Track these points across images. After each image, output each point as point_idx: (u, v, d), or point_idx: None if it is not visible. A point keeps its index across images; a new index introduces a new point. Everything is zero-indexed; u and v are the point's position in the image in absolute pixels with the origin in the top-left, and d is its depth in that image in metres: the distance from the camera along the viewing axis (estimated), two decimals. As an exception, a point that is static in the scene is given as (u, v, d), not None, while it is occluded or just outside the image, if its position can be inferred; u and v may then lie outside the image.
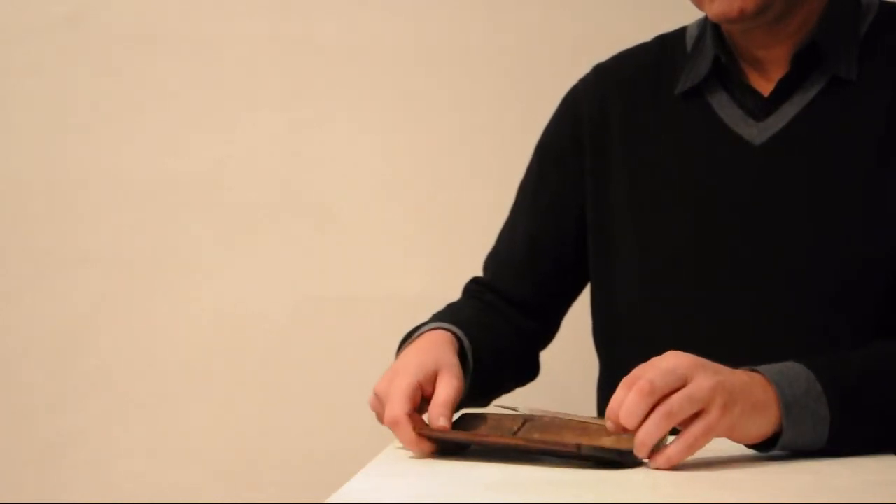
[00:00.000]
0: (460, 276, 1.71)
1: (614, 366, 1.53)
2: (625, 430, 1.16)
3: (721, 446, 1.26)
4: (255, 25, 2.29)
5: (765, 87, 1.46)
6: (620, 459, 1.17)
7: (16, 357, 2.30)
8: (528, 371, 1.62)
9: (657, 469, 1.15)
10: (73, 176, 2.30)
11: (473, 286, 1.63)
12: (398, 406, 1.27)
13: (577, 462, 1.17)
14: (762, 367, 1.22)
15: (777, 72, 1.46)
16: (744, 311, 1.42)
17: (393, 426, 1.27)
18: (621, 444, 1.20)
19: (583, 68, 1.65)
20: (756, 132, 1.45)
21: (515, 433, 1.26)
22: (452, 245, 2.25)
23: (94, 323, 2.29)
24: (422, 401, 1.31)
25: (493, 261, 1.64)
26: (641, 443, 1.14)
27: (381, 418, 1.33)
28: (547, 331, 1.62)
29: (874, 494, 1.06)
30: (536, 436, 1.25)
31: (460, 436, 1.26)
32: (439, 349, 1.36)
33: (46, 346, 2.30)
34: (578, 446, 1.15)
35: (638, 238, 1.50)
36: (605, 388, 1.56)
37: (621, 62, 1.61)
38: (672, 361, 1.17)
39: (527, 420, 1.27)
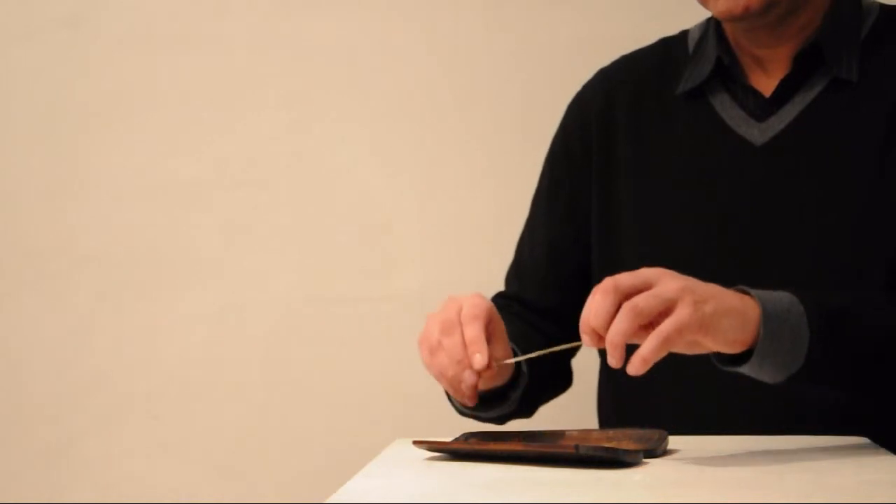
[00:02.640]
0: (460, 275, 1.71)
1: (616, 372, 1.53)
2: (599, 337, 1.15)
3: (721, 446, 1.26)
4: (255, 25, 2.29)
5: (766, 87, 1.47)
6: (619, 459, 1.17)
7: (16, 357, 2.30)
8: (563, 380, 1.61)
9: (635, 374, 1.13)
10: (73, 176, 2.30)
11: (499, 301, 1.61)
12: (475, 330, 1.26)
13: (576, 463, 1.17)
14: (744, 287, 1.22)
15: (779, 72, 1.46)
16: None
17: (472, 344, 1.25)
18: (620, 445, 1.20)
19: (582, 69, 1.65)
20: (757, 132, 1.45)
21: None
22: (453, 245, 2.24)
23: (94, 323, 2.29)
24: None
25: (515, 273, 1.63)
26: (611, 342, 1.13)
27: (431, 354, 1.30)
28: (577, 337, 1.61)
29: (874, 494, 1.06)
30: (536, 445, 1.26)
31: (459, 446, 1.26)
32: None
33: (46, 346, 2.30)
34: (576, 447, 1.15)
35: (640, 239, 1.50)
36: (607, 391, 1.56)
37: (624, 65, 1.61)
38: (643, 270, 1.17)
39: (528, 433, 1.28)
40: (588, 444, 1.19)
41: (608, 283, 1.16)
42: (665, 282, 1.15)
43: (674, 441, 1.26)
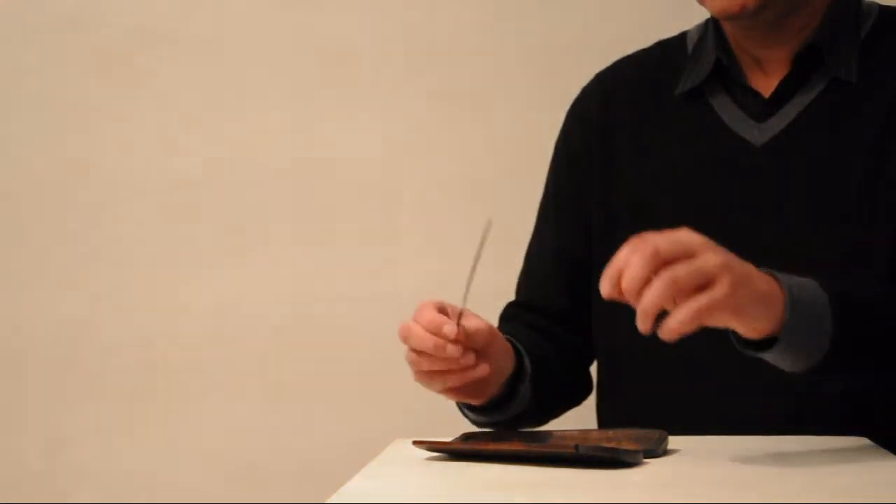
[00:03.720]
0: (460, 275, 1.70)
1: (615, 369, 1.53)
2: (621, 293, 1.11)
3: (721, 446, 1.26)
4: (256, 25, 2.29)
5: (766, 88, 1.47)
6: (619, 459, 1.17)
7: (16, 357, 2.30)
8: (579, 386, 1.60)
9: (668, 341, 1.10)
10: (73, 176, 2.30)
11: (511, 310, 1.61)
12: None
13: (575, 463, 1.17)
14: (771, 270, 1.20)
15: (778, 73, 1.46)
16: None
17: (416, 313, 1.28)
18: (620, 445, 1.20)
19: (583, 70, 1.65)
20: (757, 133, 1.45)
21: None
22: (453, 245, 2.24)
23: (94, 323, 2.29)
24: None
25: (525, 281, 1.63)
26: (643, 311, 1.10)
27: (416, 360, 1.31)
28: (590, 340, 1.59)
29: (874, 494, 1.06)
30: (536, 445, 1.26)
31: (459, 446, 1.26)
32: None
33: (46, 345, 2.30)
34: (576, 447, 1.15)
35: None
36: (606, 392, 1.56)
37: (622, 67, 1.61)
38: (682, 233, 1.13)
39: (528, 434, 1.28)
40: (588, 444, 1.18)
41: (648, 245, 1.10)
42: (705, 255, 1.12)
43: (674, 441, 1.26)
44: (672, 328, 1.10)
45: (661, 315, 1.11)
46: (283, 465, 2.28)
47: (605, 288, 1.13)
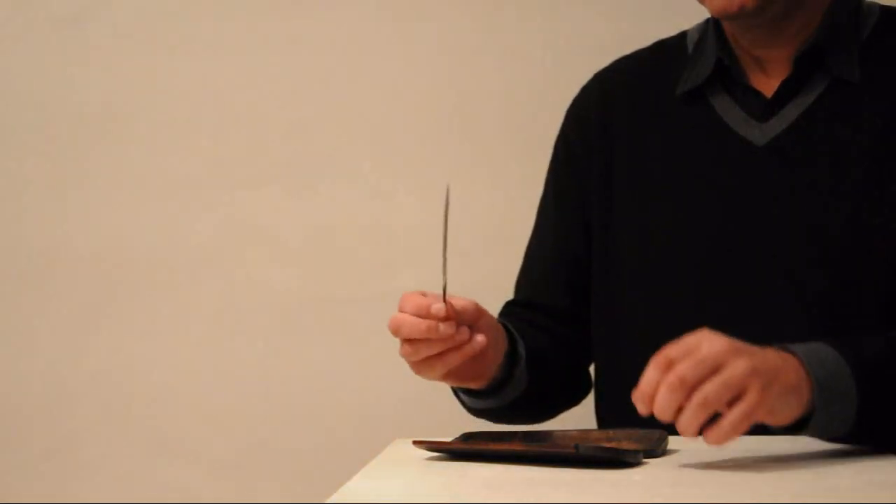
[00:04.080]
0: (460, 275, 1.70)
1: (613, 367, 1.53)
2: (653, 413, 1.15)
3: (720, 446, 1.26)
4: (255, 25, 2.29)
5: (767, 88, 1.46)
6: (619, 459, 1.17)
7: (16, 357, 2.30)
8: (577, 385, 1.60)
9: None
10: (73, 176, 2.29)
11: (509, 308, 1.61)
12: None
13: (576, 463, 1.17)
14: (792, 346, 1.21)
15: (779, 73, 1.46)
16: (746, 312, 1.42)
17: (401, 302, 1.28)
18: (620, 445, 1.20)
19: (583, 70, 1.65)
20: (759, 133, 1.45)
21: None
22: (452, 245, 2.24)
23: (94, 322, 2.29)
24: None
25: (525, 279, 1.63)
26: (683, 431, 1.13)
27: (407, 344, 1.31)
28: (590, 339, 1.60)
29: (874, 494, 1.06)
30: (536, 445, 1.26)
31: (459, 446, 1.26)
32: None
33: (46, 345, 2.30)
34: (576, 447, 1.15)
35: (641, 240, 1.50)
36: (605, 391, 1.56)
37: (621, 66, 1.61)
38: (705, 349, 1.14)
39: (528, 434, 1.28)
40: (588, 444, 1.19)
41: (674, 380, 1.13)
42: (730, 366, 1.13)
43: (674, 441, 1.26)
44: (716, 441, 1.14)
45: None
46: (284, 465, 2.28)
47: (641, 410, 1.16)
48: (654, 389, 1.14)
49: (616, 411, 1.54)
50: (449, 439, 1.29)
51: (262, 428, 2.28)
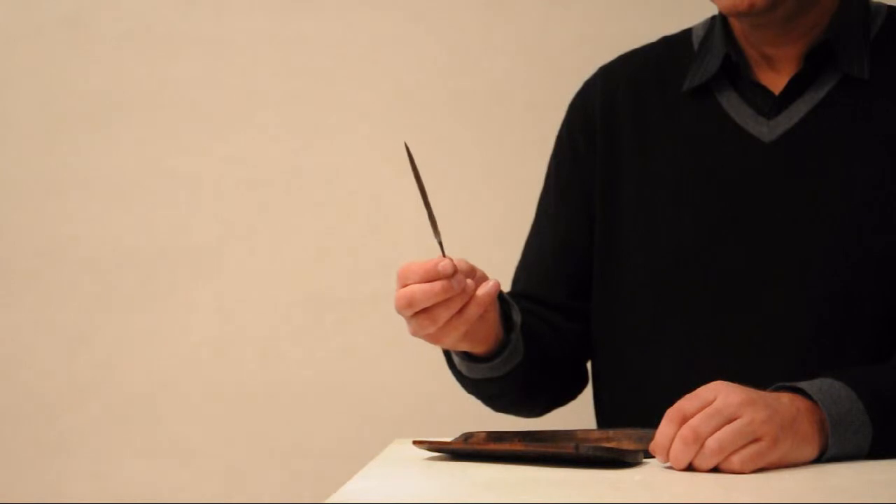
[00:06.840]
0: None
1: (614, 366, 1.53)
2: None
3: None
4: (256, 25, 2.29)
5: (775, 85, 1.46)
6: (619, 459, 1.17)
7: (16, 357, 2.30)
8: (575, 377, 1.60)
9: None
10: (73, 176, 2.30)
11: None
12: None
13: (576, 463, 1.17)
14: (803, 385, 1.22)
15: (787, 70, 1.46)
16: (754, 310, 1.41)
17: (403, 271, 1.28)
18: (620, 445, 1.20)
19: (583, 69, 1.65)
20: (766, 130, 1.45)
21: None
22: (453, 245, 2.24)
23: (94, 323, 2.29)
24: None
25: (523, 271, 1.62)
26: (699, 470, 1.15)
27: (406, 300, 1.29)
28: (588, 333, 1.59)
29: (874, 494, 1.06)
30: (536, 445, 1.25)
31: (459, 446, 1.26)
32: None
33: (46, 345, 2.30)
34: (576, 447, 1.15)
35: (646, 237, 1.49)
36: (605, 384, 1.55)
37: (625, 61, 1.60)
38: (720, 401, 1.16)
39: (527, 434, 1.28)
40: (588, 444, 1.18)
41: (688, 434, 1.14)
42: (748, 416, 1.15)
43: (674, 441, 1.26)
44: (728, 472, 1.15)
45: None
46: (283, 466, 2.28)
47: (660, 460, 1.17)
48: (669, 442, 1.15)
49: (615, 403, 1.53)
50: (449, 439, 1.29)
51: (261, 428, 2.28)
